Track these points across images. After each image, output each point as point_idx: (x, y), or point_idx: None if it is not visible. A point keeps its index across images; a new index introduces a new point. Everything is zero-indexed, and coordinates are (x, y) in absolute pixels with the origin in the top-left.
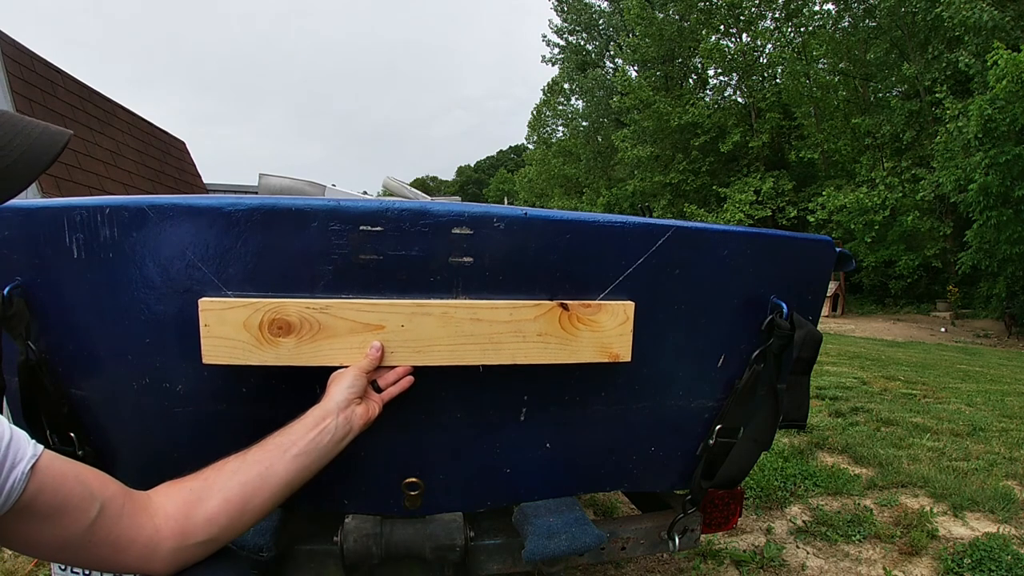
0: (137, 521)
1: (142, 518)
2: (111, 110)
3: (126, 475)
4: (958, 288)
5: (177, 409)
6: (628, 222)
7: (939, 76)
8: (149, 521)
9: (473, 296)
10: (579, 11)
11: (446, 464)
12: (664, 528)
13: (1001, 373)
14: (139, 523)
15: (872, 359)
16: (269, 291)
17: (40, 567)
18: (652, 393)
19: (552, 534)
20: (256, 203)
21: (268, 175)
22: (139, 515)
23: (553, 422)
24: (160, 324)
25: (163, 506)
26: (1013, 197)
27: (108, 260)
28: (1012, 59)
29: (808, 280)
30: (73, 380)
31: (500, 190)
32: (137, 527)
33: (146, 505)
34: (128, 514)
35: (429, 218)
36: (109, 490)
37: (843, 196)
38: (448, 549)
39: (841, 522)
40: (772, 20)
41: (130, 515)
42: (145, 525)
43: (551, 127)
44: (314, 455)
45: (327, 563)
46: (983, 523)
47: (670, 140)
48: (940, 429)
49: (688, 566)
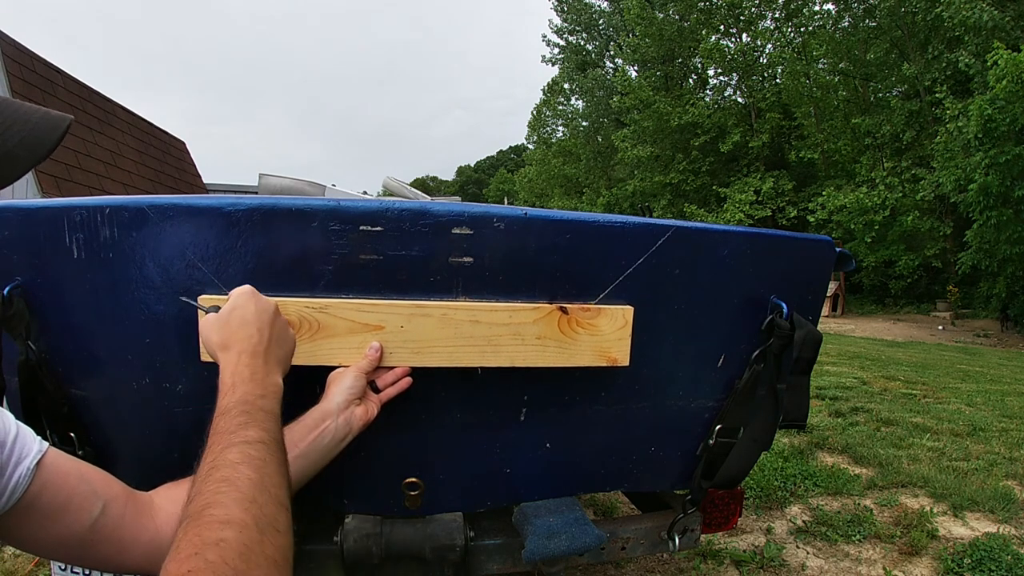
0: (140, 521)
1: (144, 519)
2: (111, 110)
3: (126, 475)
4: (958, 288)
5: (177, 409)
6: (628, 222)
7: (939, 76)
8: (151, 522)
9: (473, 296)
10: (579, 11)
11: (446, 464)
12: (664, 528)
13: (1001, 373)
14: (142, 523)
15: (872, 359)
16: (269, 291)
17: (40, 567)
18: (652, 393)
19: (552, 534)
20: (256, 203)
21: (268, 175)
22: (142, 516)
23: (553, 422)
24: (160, 324)
25: (164, 507)
26: (1013, 197)
27: (108, 260)
28: (1012, 59)
29: (808, 280)
30: (73, 380)
31: (500, 190)
32: (140, 527)
33: (148, 506)
34: (131, 514)
35: (429, 218)
36: (112, 490)
37: (843, 196)
38: (448, 549)
39: (841, 522)
40: (772, 20)
41: (133, 515)
42: (147, 526)
43: (551, 127)
44: (314, 456)
45: (327, 563)
46: (983, 523)
47: (670, 140)
48: (940, 429)
49: (688, 566)
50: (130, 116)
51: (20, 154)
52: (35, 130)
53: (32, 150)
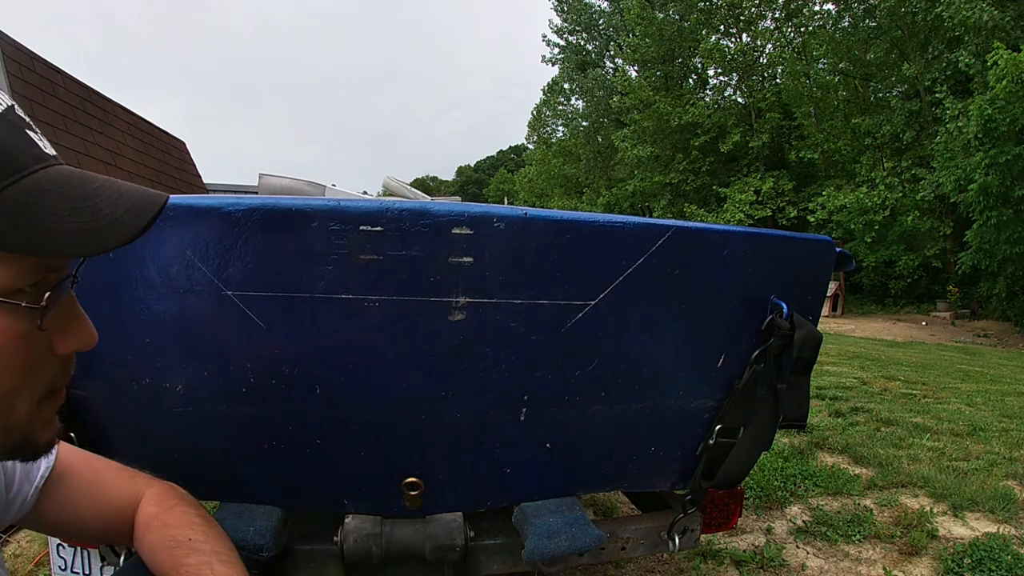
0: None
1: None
2: (111, 110)
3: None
4: (958, 288)
5: (177, 409)
6: (628, 222)
7: (939, 76)
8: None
9: (473, 296)
10: (579, 11)
11: (446, 464)
12: (664, 528)
13: (1001, 373)
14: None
15: (872, 359)
16: (269, 291)
17: (40, 567)
18: (652, 393)
19: (552, 534)
20: (256, 203)
21: (268, 175)
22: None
23: (553, 422)
24: (160, 324)
25: (143, 505)
26: (1013, 197)
27: (108, 260)
28: (1012, 59)
29: (808, 280)
30: (73, 380)
31: (500, 190)
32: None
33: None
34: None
35: (429, 218)
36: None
37: (843, 196)
38: (448, 549)
39: (841, 522)
40: (772, 20)
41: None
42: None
43: (551, 127)
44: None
45: (327, 563)
46: (983, 523)
47: (670, 140)
48: (940, 429)
49: (688, 566)
50: (130, 116)
51: (127, 221)
52: (138, 203)
53: (136, 219)
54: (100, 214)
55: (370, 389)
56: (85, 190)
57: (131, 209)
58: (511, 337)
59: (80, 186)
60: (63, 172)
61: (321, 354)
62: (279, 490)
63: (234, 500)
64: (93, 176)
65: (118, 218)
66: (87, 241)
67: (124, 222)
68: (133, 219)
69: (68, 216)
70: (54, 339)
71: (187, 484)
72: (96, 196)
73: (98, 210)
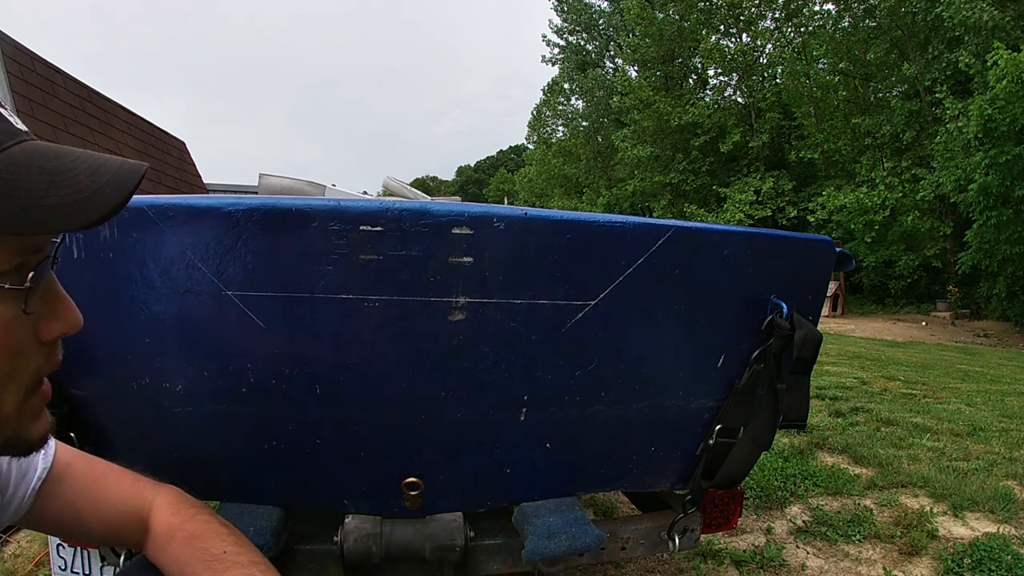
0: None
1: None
2: (111, 110)
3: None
4: (958, 288)
5: (177, 409)
6: (628, 222)
7: (939, 76)
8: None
9: (473, 296)
10: (579, 11)
11: (446, 464)
12: (664, 528)
13: (1001, 373)
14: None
15: (872, 359)
16: (269, 291)
17: (40, 567)
18: (652, 393)
19: (552, 534)
20: (256, 203)
21: (268, 175)
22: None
23: (553, 422)
24: (160, 324)
25: (157, 513)
26: (1013, 197)
27: (108, 260)
28: (1012, 59)
29: (808, 280)
30: (73, 380)
31: (500, 190)
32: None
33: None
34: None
35: (429, 218)
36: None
37: (843, 196)
38: (448, 549)
39: (841, 522)
40: (772, 20)
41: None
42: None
43: (551, 127)
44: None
45: (327, 563)
46: (983, 523)
47: (670, 140)
48: (940, 429)
49: (688, 566)
50: (130, 116)
51: (109, 192)
52: (119, 172)
53: (119, 189)
54: (81, 186)
55: (370, 389)
56: (63, 162)
57: (112, 179)
58: (511, 337)
59: (56, 159)
60: (38, 147)
61: (321, 354)
62: (279, 490)
63: (234, 500)
64: (70, 149)
65: (99, 188)
66: (71, 214)
67: (106, 193)
68: (115, 189)
69: (48, 190)
70: (39, 324)
71: (187, 484)
72: (75, 168)
73: (79, 182)
